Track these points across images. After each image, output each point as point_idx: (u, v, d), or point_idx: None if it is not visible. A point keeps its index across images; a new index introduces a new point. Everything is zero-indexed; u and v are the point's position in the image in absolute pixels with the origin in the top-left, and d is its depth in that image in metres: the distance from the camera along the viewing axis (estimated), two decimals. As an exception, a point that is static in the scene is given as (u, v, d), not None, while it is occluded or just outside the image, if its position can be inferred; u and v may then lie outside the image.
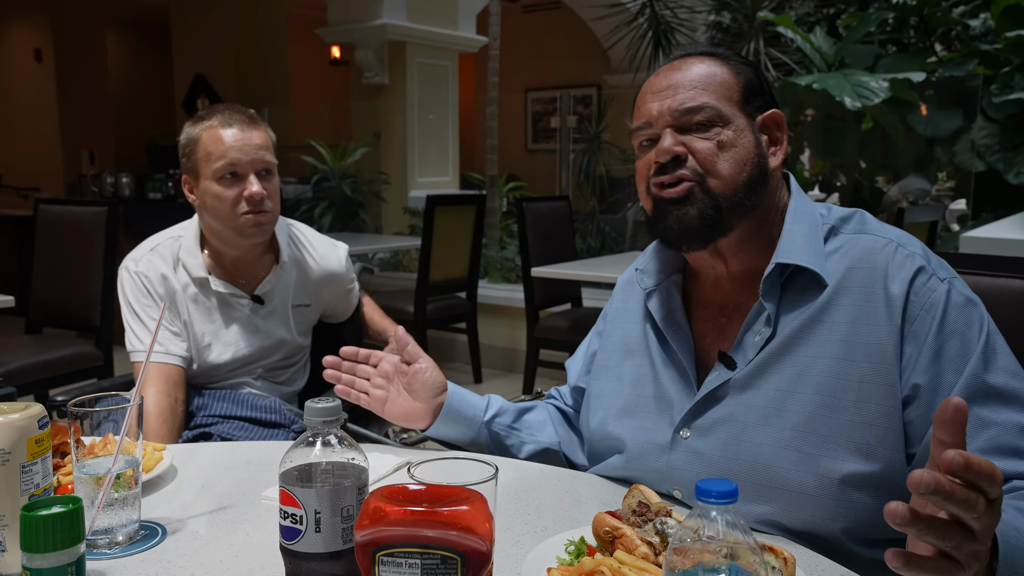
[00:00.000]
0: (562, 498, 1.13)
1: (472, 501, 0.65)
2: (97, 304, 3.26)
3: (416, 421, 1.24)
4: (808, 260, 1.03)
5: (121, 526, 0.95)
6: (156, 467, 1.16)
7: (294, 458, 0.76)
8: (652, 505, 0.94)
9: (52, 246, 3.41)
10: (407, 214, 6.57)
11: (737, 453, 1.02)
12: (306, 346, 1.83)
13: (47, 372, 3.10)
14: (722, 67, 1.08)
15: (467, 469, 0.80)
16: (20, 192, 9.12)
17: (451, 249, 4.62)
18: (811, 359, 1.00)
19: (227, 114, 1.63)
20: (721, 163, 1.04)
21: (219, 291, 1.69)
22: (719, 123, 1.05)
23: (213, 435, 1.64)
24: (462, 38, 7.09)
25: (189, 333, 1.69)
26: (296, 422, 1.73)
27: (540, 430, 1.30)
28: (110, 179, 6.05)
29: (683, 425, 1.08)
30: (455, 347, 5.31)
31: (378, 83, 6.68)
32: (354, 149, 6.59)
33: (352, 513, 0.75)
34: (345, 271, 1.86)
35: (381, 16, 6.43)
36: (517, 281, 5.39)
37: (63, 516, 0.61)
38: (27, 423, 0.79)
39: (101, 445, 0.98)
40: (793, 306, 1.03)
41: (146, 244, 1.73)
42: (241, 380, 1.72)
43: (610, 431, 1.16)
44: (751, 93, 1.09)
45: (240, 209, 1.61)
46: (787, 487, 0.98)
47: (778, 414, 1.00)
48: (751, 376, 1.03)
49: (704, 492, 0.61)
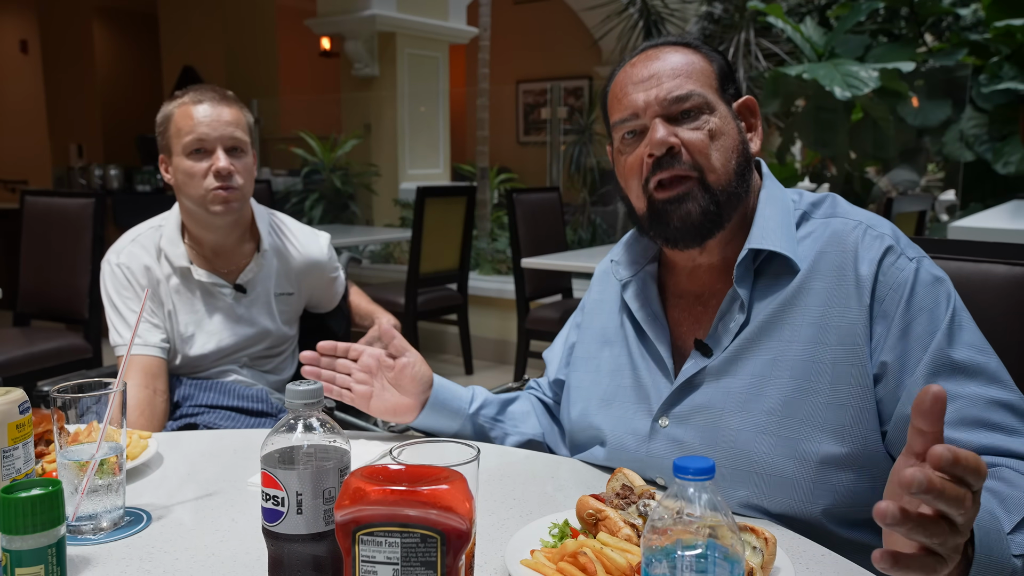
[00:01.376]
0: (546, 483, 1.14)
1: (452, 480, 0.66)
2: (85, 296, 3.25)
3: (403, 415, 1.24)
4: (780, 245, 1.04)
5: (105, 512, 0.96)
6: (141, 455, 1.16)
7: (276, 441, 0.76)
8: (636, 488, 0.95)
9: (39, 239, 3.39)
10: (398, 206, 6.56)
11: (715, 440, 1.03)
12: (292, 336, 1.83)
13: (35, 364, 3.09)
14: (697, 55, 1.09)
15: (450, 451, 0.81)
16: (8, 185, 9.06)
17: (442, 241, 4.62)
18: (785, 344, 1.01)
19: (200, 91, 1.64)
20: (714, 154, 1.03)
21: (201, 280, 1.68)
22: (706, 111, 1.05)
23: (199, 425, 1.64)
24: (452, 29, 7.07)
25: (172, 324, 1.68)
26: (284, 412, 1.73)
27: (524, 421, 1.31)
28: (98, 171, 6.02)
29: (661, 414, 1.09)
30: (446, 338, 5.31)
31: (368, 74, 6.66)
32: (344, 141, 6.57)
33: (334, 495, 0.75)
34: (328, 259, 1.86)
35: (371, 7, 6.40)
36: (508, 273, 5.39)
37: (42, 498, 0.62)
38: (8, 408, 0.79)
39: (85, 433, 0.98)
40: (766, 292, 1.04)
41: (127, 236, 1.73)
42: (227, 368, 1.72)
43: (590, 422, 1.17)
44: (726, 80, 1.09)
45: (208, 184, 1.61)
46: (766, 471, 0.99)
47: (755, 399, 1.01)
48: (727, 363, 1.04)
49: (682, 469, 0.61)
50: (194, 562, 0.89)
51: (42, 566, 0.64)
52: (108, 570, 0.87)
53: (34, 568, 0.62)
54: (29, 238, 3.40)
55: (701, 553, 0.62)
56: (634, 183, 1.08)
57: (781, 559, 0.84)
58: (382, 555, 0.64)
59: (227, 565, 0.88)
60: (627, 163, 1.09)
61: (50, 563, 0.65)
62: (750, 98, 1.11)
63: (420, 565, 0.64)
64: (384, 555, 0.64)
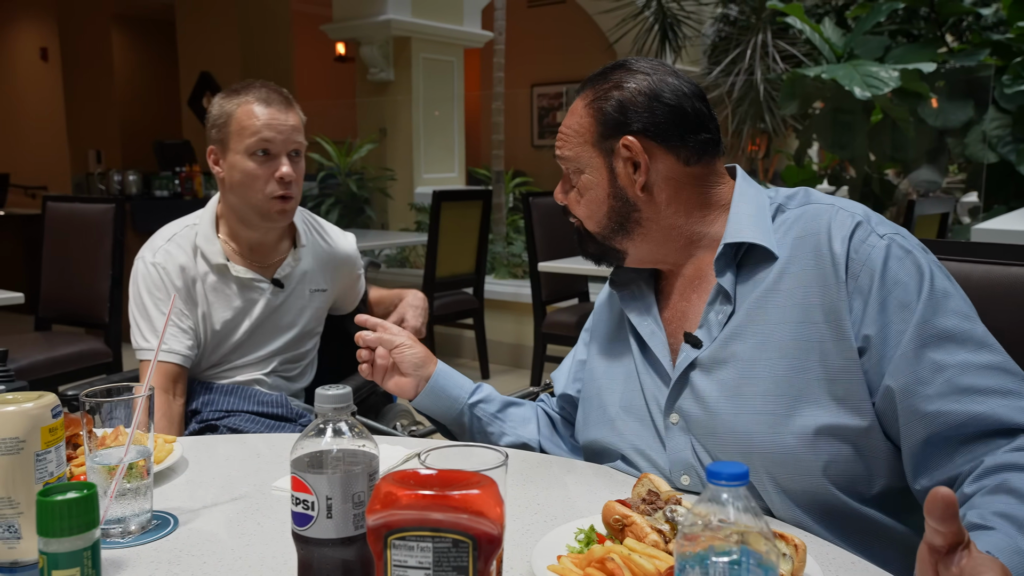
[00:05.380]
0: (568, 487, 1.14)
1: (483, 485, 0.66)
2: (105, 301, 3.29)
3: (404, 391, 1.31)
4: (756, 236, 1.09)
5: (134, 515, 0.97)
6: (167, 458, 1.17)
7: (305, 445, 0.76)
8: (662, 494, 0.95)
9: (60, 244, 3.44)
10: (413, 210, 6.58)
11: (716, 427, 1.07)
12: (318, 335, 1.85)
13: (56, 369, 3.12)
14: (583, 108, 1.16)
15: (478, 456, 0.81)
16: (28, 191, 9.16)
17: (458, 245, 4.63)
18: (772, 327, 1.05)
19: (264, 91, 1.64)
20: (579, 209, 1.18)
21: (239, 276, 1.69)
22: (576, 172, 1.17)
23: (220, 427, 1.64)
24: (467, 33, 7.09)
25: (207, 324, 1.69)
26: (304, 416, 1.74)
27: (523, 425, 1.35)
28: (117, 177, 6.05)
29: (668, 411, 1.12)
30: (462, 343, 5.32)
31: (383, 79, 6.69)
32: (360, 146, 6.60)
33: (363, 499, 0.76)
34: (356, 255, 1.90)
35: (386, 12, 6.44)
36: (524, 277, 5.39)
37: (79, 501, 0.62)
38: (41, 411, 0.80)
39: (112, 436, 1.00)
40: (749, 281, 1.09)
41: (162, 234, 1.72)
42: (253, 377, 1.73)
43: (610, 441, 1.20)
44: (609, 125, 1.14)
45: (269, 190, 1.63)
46: (767, 449, 1.02)
47: (748, 382, 1.05)
48: (718, 351, 1.09)
49: (715, 475, 0.61)
50: (222, 566, 0.89)
51: (78, 568, 0.65)
52: (137, 573, 0.88)
53: (70, 570, 0.63)
54: (50, 243, 3.45)
55: (735, 560, 0.61)
56: None
57: (811, 566, 0.84)
58: (414, 560, 0.64)
59: (255, 569, 0.88)
60: None
61: (86, 565, 0.66)
62: (625, 141, 1.13)
63: (452, 570, 0.64)
64: (416, 560, 0.64)
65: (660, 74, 1.14)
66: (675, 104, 1.12)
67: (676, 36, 5.26)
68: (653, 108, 1.11)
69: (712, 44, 6.01)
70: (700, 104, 1.14)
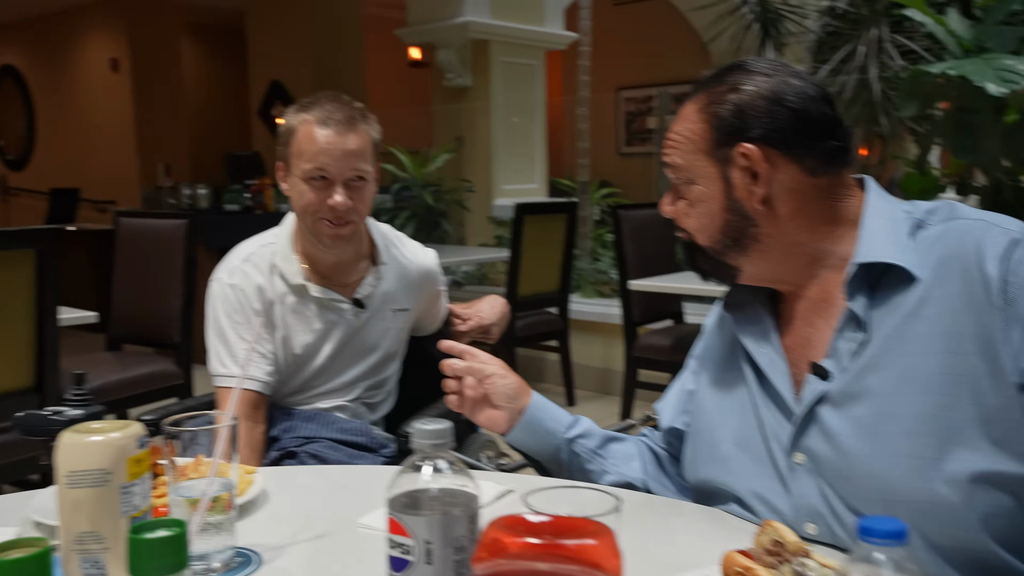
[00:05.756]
0: (679, 533, 1.11)
1: (599, 535, 0.64)
2: (177, 320, 3.39)
3: (496, 425, 1.29)
4: (893, 256, 1.04)
5: (217, 552, 0.98)
6: (248, 490, 1.19)
7: (402, 483, 0.76)
8: (788, 544, 0.91)
9: (131, 261, 3.56)
10: (492, 224, 6.62)
11: (851, 470, 1.02)
12: (401, 358, 1.86)
13: (127, 390, 3.24)
14: (695, 113, 1.13)
15: (586, 499, 0.79)
16: (98, 206, 9.61)
17: (541, 261, 4.62)
18: (913, 357, 1.00)
19: (328, 109, 1.62)
20: (689, 221, 1.16)
21: (318, 297, 1.71)
22: (686, 182, 1.15)
23: (300, 454, 1.67)
24: (550, 34, 7.11)
25: (286, 348, 1.71)
26: (386, 446, 1.75)
27: (626, 463, 1.32)
28: (186, 191, 6.29)
29: (793, 450, 1.08)
30: (546, 366, 5.30)
31: (460, 85, 6.76)
32: (436, 156, 6.68)
33: (463, 544, 0.75)
34: (438, 272, 1.91)
35: (463, 14, 6.52)
36: (612, 295, 5.34)
37: (170, 540, 0.64)
38: (127, 442, 0.83)
39: (193, 467, 1.02)
40: (885, 306, 1.04)
41: (238, 253, 1.75)
42: (336, 404, 1.75)
43: (723, 481, 1.16)
44: (724, 133, 1.11)
45: (321, 214, 1.64)
46: (912, 497, 0.97)
47: (887, 421, 1.00)
48: (850, 384, 1.04)
49: (868, 531, 0.58)
50: (309, 610, 0.90)
51: (167, 611, 0.65)
52: (222, 615, 0.89)
53: (161, 614, 0.64)
54: (122, 260, 3.58)
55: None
56: None
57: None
58: (524, 615, 0.63)
59: (344, 614, 0.89)
60: None
61: (174, 608, 0.66)
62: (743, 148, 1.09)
63: (566, 627, 0.62)
64: (527, 615, 0.63)
65: (782, 75, 1.10)
66: (800, 108, 1.09)
67: (779, 32, 5.15)
68: (775, 113, 1.08)
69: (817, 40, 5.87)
70: (827, 108, 1.10)
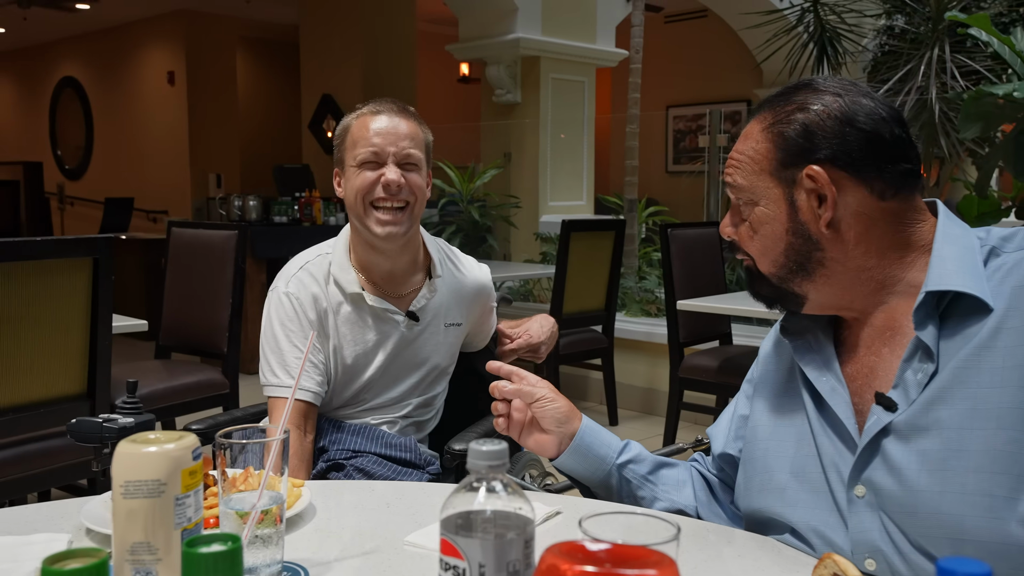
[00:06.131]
0: (731, 563, 1.08)
1: (661, 565, 0.62)
2: (225, 330, 3.43)
3: (544, 451, 1.28)
4: (965, 284, 1.00)
5: (265, 566, 0.98)
6: (296, 504, 1.19)
7: (456, 503, 0.75)
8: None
9: (182, 270, 3.63)
10: (538, 240, 6.62)
11: (916, 506, 0.98)
12: (450, 373, 1.85)
13: (174, 399, 3.28)
14: (761, 132, 1.11)
15: (643, 526, 0.78)
16: (150, 215, 9.83)
17: (587, 279, 4.61)
18: (986, 390, 0.96)
19: (380, 103, 1.69)
20: (752, 245, 1.13)
21: (374, 306, 1.71)
22: (749, 203, 1.12)
23: (347, 467, 1.67)
24: (601, 51, 7.12)
25: (338, 358, 1.71)
26: (432, 463, 1.74)
27: (678, 490, 1.29)
28: (237, 202, 6.39)
29: (853, 483, 1.05)
30: (589, 385, 5.27)
31: (509, 101, 6.79)
32: (483, 171, 6.71)
33: (517, 569, 0.73)
34: (490, 287, 1.91)
35: (515, 30, 6.55)
36: (658, 315, 5.30)
37: (226, 555, 0.63)
38: (182, 453, 0.83)
39: (243, 479, 1.02)
40: (956, 335, 1.01)
41: (295, 263, 1.76)
42: (386, 419, 1.75)
43: (777, 512, 1.13)
44: (790, 153, 1.08)
45: (374, 195, 1.63)
46: (983, 538, 0.94)
47: (956, 456, 0.97)
48: (917, 416, 1.00)
49: (947, 572, 0.55)
50: (357, 629, 0.89)
51: (219, 626, 0.65)
52: (270, 631, 0.88)
53: (213, 629, 0.64)
54: (173, 269, 3.64)
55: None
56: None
57: None
58: (582, 646, 0.61)
59: (392, 635, 0.88)
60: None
61: (226, 624, 0.66)
62: (810, 171, 1.06)
63: (625, 661, 0.60)
64: (584, 646, 0.61)
65: (852, 95, 1.08)
66: (871, 129, 1.06)
67: (836, 51, 5.08)
68: (845, 134, 1.06)
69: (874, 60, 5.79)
70: (900, 130, 1.07)
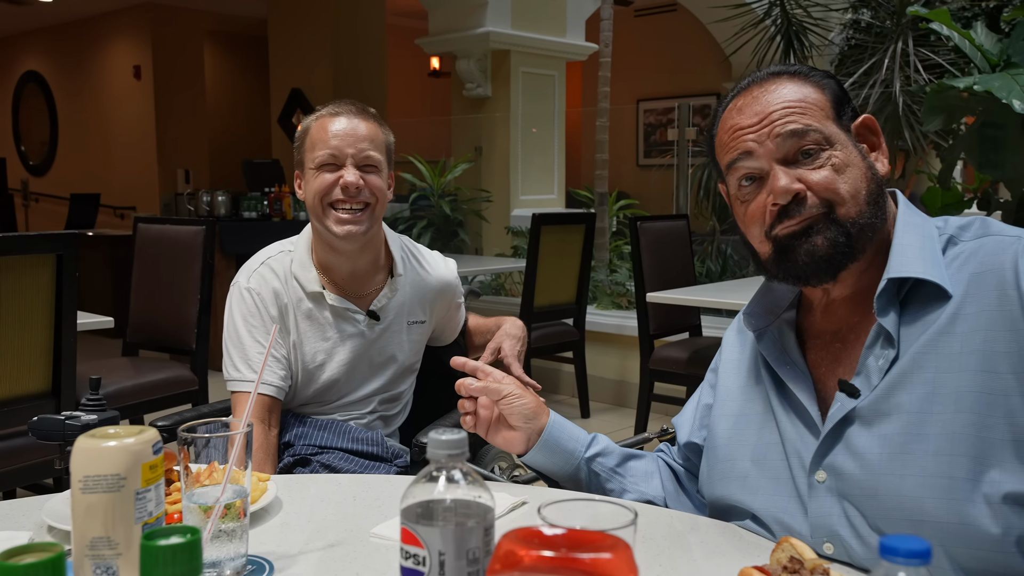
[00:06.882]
0: (695, 548, 1.10)
1: (616, 549, 0.64)
2: (193, 327, 3.41)
3: (513, 447, 1.28)
4: (925, 271, 1.02)
5: (229, 559, 0.98)
6: (262, 498, 1.19)
7: (416, 493, 0.76)
8: (806, 561, 0.90)
9: (149, 266, 3.59)
10: (510, 234, 6.63)
11: (877, 489, 1.00)
12: (416, 369, 1.86)
13: (142, 396, 3.26)
14: (807, 84, 1.10)
15: (601, 512, 0.79)
16: (117, 212, 9.70)
17: (558, 272, 4.63)
18: (944, 375, 0.99)
19: (339, 104, 1.69)
20: (843, 187, 1.05)
21: (334, 305, 1.72)
22: (827, 145, 1.06)
23: (312, 462, 1.67)
24: (571, 45, 7.14)
25: (298, 354, 1.72)
26: (400, 456, 1.75)
27: (645, 481, 1.31)
28: (206, 198, 6.33)
29: (815, 468, 1.06)
30: (560, 378, 5.29)
31: (480, 95, 6.80)
32: (454, 165, 6.70)
33: (477, 556, 0.75)
34: (456, 283, 1.91)
35: (484, 24, 6.55)
36: (629, 307, 5.33)
37: (184, 547, 0.63)
38: (142, 448, 0.83)
39: (207, 473, 1.02)
40: (916, 321, 1.03)
41: (256, 258, 1.76)
42: (351, 416, 1.75)
43: (739, 488, 1.15)
44: (841, 104, 1.10)
45: (332, 197, 1.63)
46: (942, 518, 0.95)
47: (916, 440, 0.98)
48: (878, 402, 1.02)
49: (891, 551, 0.57)
50: (321, 619, 0.90)
51: (178, 617, 0.65)
52: (233, 623, 0.89)
53: (172, 620, 0.64)
54: (140, 266, 3.60)
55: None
56: (756, 230, 1.11)
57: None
58: (538, 629, 0.62)
59: (355, 625, 0.88)
60: (749, 212, 1.11)
61: (186, 615, 0.66)
62: (868, 117, 1.11)
63: (580, 643, 0.62)
64: (540, 629, 0.62)
65: None
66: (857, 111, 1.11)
67: (802, 44, 5.13)
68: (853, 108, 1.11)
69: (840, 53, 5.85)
70: None
